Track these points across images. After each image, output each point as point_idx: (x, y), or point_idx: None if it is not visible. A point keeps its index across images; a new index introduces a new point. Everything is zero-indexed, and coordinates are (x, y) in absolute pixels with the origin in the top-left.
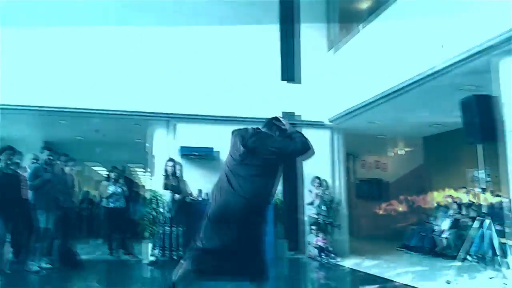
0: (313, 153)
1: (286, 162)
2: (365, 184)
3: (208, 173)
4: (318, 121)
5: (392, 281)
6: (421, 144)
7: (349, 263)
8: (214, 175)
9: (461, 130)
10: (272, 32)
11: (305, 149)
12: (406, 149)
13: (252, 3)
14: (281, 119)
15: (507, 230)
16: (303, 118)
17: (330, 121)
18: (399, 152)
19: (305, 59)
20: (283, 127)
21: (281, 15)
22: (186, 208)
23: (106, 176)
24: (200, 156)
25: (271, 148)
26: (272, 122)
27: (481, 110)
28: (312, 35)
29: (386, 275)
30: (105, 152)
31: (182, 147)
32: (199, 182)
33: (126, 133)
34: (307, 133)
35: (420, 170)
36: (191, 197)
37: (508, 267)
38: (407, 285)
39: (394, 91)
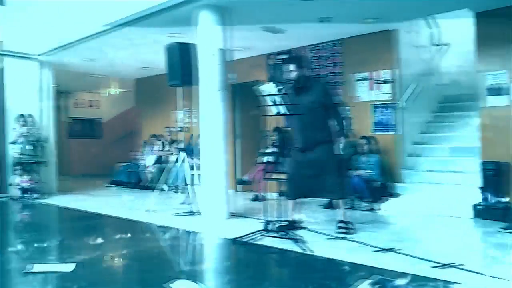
0: None
1: None
2: (77, 123)
3: None
4: (25, 53)
5: (95, 214)
6: (133, 85)
7: (56, 200)
8: None
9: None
10: None
11: None
12: (120, 90)
13: None
14: None
15: (196, 162)
16: (8, 48)
17: (39, 55)
18: (112, 92)
19: None
20: None
21: None
22: None
23: None
24: None
25: None
26: None
27: (182, 56)
28: None
29: (90, 208)
30: None
31: None
32: None
33: None
34: (13, 65)
35: (132, 111)
36: None
37: (194, 193)
38: (110, 216)
39: (105, 30)
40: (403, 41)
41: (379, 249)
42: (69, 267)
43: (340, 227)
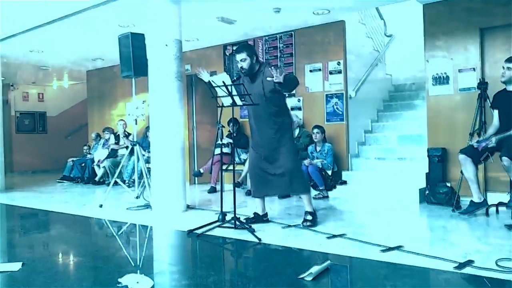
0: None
1: None
2: (26, 117)
3: None
4: None
5: (44, 210)
6: (85, 77)
7: (1, 198)
8: None
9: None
10: None
11: None
12: (71, 82)
13: None
14: None
15: (148, 155)
16: None
17: None
18: (63, 85)
19: None
20: None
21: None
22: None
23: None
24: None
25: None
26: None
27: (135, 47)
28: None
29: (39, 205)
30: None
31: None
32: None
33: None
34: None
35: (85, 103)
36: None
37: (149, 187)
38: (60, 212)
39: (54, 20)
40: (353, 31)
41: (331, 236)
42: (15, 266)
43: (306, 220)
